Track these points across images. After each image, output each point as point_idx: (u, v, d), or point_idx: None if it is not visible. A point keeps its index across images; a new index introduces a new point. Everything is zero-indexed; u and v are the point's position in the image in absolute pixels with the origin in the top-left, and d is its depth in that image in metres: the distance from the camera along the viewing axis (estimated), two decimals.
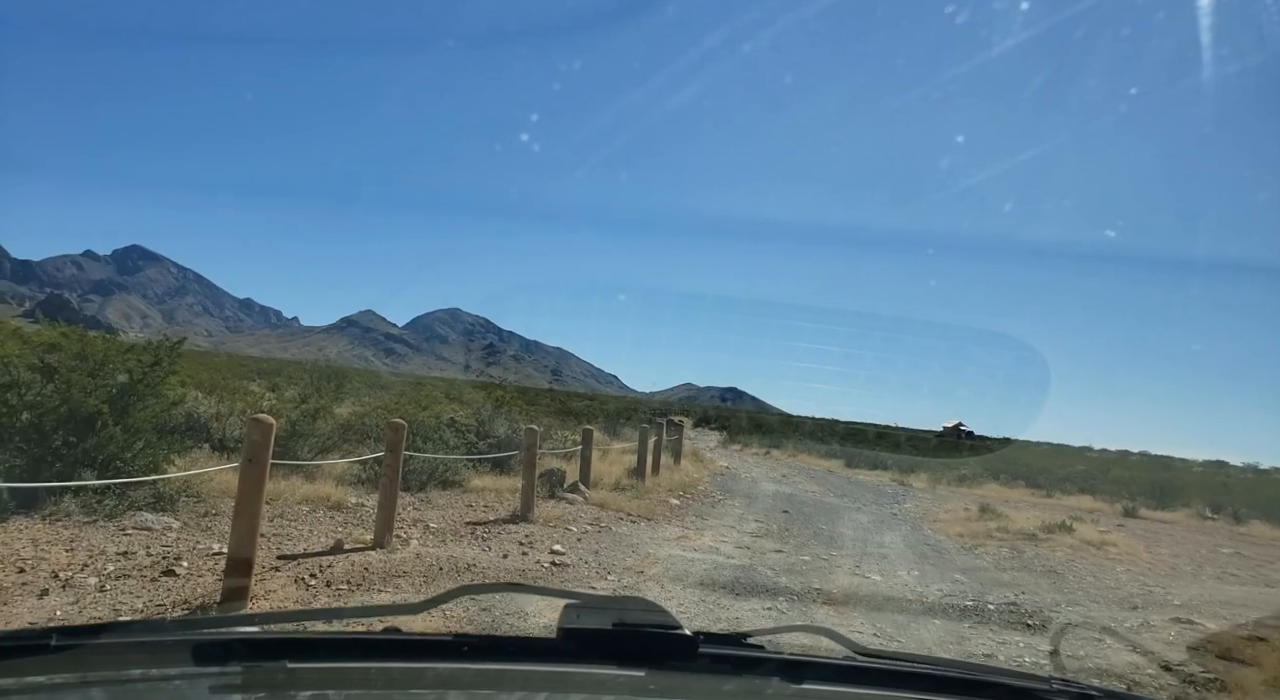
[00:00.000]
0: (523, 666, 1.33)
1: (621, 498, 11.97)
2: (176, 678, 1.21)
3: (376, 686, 1.28)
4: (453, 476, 11.09)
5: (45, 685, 1.14)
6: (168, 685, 1.20)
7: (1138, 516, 19.73)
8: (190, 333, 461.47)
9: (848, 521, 12.72)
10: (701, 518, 11.74)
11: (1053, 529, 12.27)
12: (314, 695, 1.21)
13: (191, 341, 13.34)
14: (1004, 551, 10.83)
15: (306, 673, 1.25)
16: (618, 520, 10.43)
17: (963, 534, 12.29)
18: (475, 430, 13.35)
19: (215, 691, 1.19)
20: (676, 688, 1.33)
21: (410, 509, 9.42)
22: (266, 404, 11.55)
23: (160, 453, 7.57)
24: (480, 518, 9.31)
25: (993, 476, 26.09)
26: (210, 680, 1.20)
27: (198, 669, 1.22)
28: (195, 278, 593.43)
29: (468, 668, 1.32)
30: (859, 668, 1.42)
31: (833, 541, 10.65)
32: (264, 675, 1.23)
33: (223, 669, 1.22)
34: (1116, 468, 33.88)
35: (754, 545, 9.82)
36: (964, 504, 16.74)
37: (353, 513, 8.57)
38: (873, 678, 1.39)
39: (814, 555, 9.47)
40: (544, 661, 1.34)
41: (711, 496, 14.37)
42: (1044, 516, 15.46)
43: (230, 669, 1.22)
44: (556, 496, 11.22)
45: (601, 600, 1.61)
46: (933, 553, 10.49)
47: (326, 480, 9.77)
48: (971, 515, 14.27)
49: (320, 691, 1.22)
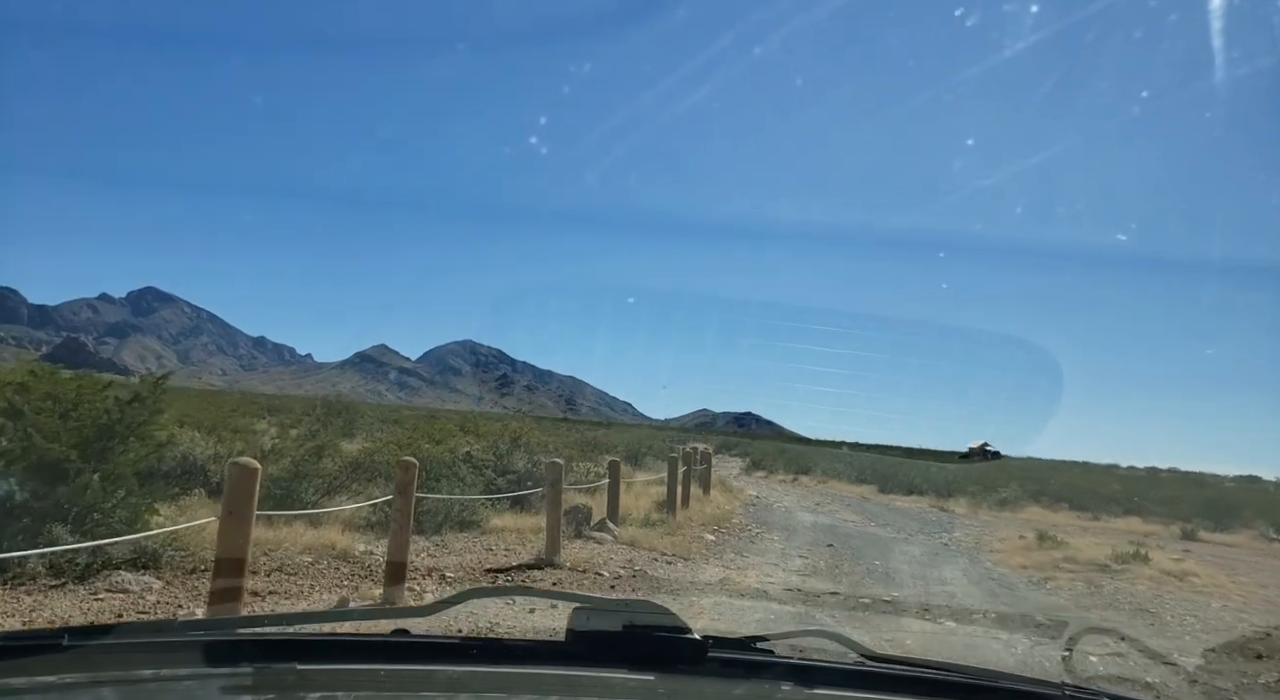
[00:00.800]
0: (532, 670, 1.32)
1: (653, 535, 11.04)
2: (187, 678, 1.22)
3: (386, 689, 1.29)
4: (470, 516, 10.20)
5: (57, 685, 1.15)
6: (178, 685, 1.21)
7: (1197, 539, 18.59)
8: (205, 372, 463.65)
9: (899, 555, 11.71)
10: (741, 555, 10.78)
11: (1124, 558, 11.22)
12: (324, 696, 1.23)
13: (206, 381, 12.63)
14: (1079, 586, 9.80)
15: (316, 674, 1.25)
16: (652, 561, 9.49)
17: (1026, 565, 11.25)
18: (493, 465, 12.46)
19: (226, 692, 1.20)
20: (686, 691, 1.32)
21: (425, 555, 8.52)
22: (269, 443, 10.72)
23: (143, 503, 6.72)
24: (502, 563, 8.40)
25: (1033, 499, 24.91)
26: (221, 681, 1.21)
27: (208, 669, 1.22)
28: (209, 317, 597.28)
29: (477, 670, 1.32)
30: (869, 672, 1.40)
31: (890, 579, 9.66)
32: (274, 676, 1.22)
33: (233, 670, 1.22)
34: (1151, 486, 32.55)
35: (805, 587, 8.86)
36: (1015, 530, 15.66)
37: (361, 563, 7.68)
38: (883, 682, 1.36)
39: (874, 597, 8.48)
40: (553, 665, 1.32)
41: (748, 530, 13.39)
42: (1105, 543, 14.38)
43: (241, 670, 1.22)
44: (583, 536, 10.29)
45: (611, 603, 1.67)
46: (1002, 589, 9.48)
47: (333, 525, 8.89)
48: (1029, 544, 13.21)
49: (330, 693, 1.24)
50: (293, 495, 9.35)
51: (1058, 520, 21.71)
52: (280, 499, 9.29)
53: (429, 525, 9.73)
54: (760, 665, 1.38)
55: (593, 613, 1.42)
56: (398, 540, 6.45)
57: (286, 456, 9.65)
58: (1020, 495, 25.00)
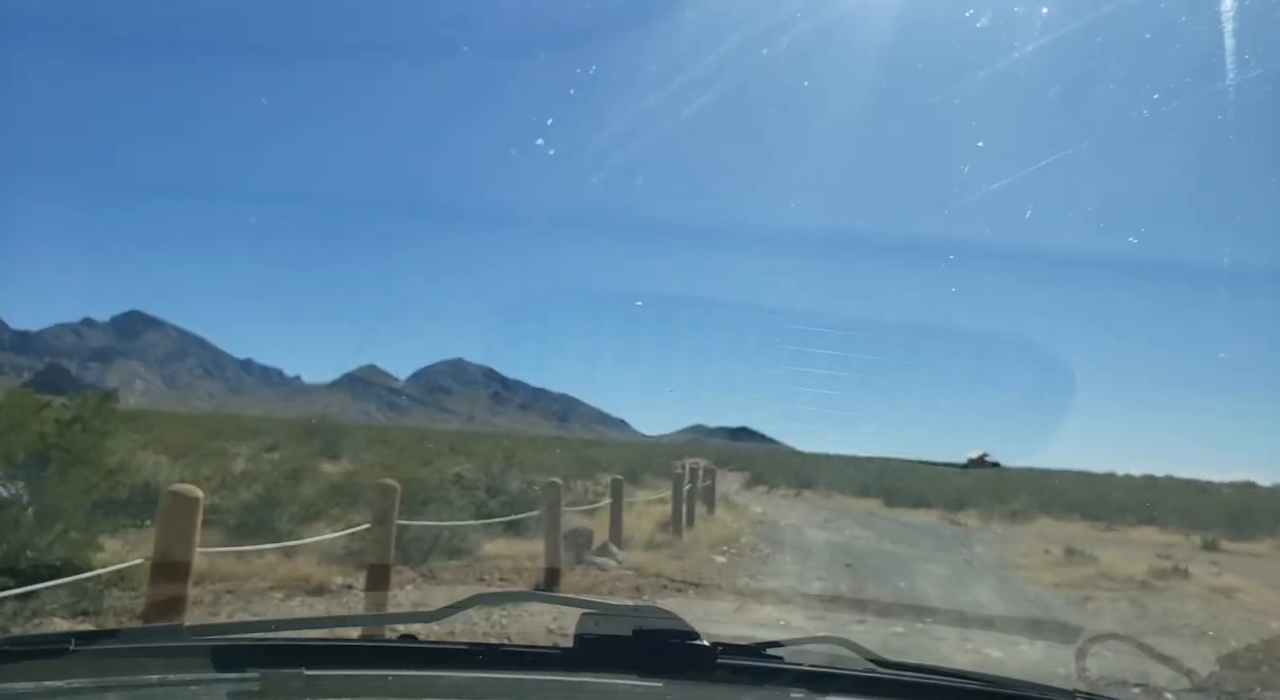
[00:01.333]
0: (539, 675, 1.31)
1: (659, 558, 10.22)
2: (194, 683, 1.22)
3: (393, 694, 1.28)
4: (460, 543, 9.36)
5: (64, 689, 1.15)
6: (185, 690, 1.22)
7: (1220, 550, 17.81)
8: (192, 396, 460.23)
9: (924, 576, 10.92)
10: (755, 578, 9.97)
11: (1162, 574, 10.46)
12: None
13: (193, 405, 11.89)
14: (1123, 606, 9.02)
15: (323, 680, 1.24)
16: (661, 589, 8.67)
17: (1059, 583, 10.48)
18: (485, 486, 11.63)
19: (233, 697, 1.19)
20: (694, 698, 1.31)
21: (410, 588, 7.69)
22: (241, 467, 9.88)
23: (85, 538, 5.88)
24: None
25: (1043, 510, 24.18)
26: (228, 686, 1.20)
27: (215, 674, 1.22)
28: (195, 340, 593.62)
29: (483, 676, 1.30)
30: (879, 679, 1.37)
31: (917, 602, 8.87)
32: (281, 681, 1.20)
33: (240, 675, 1.21)
34: (1154, 493, 31.80)
35: (829, 616, 8.07)
36: (1036, 544, 14.90)
37: (337, 598, 6.85)
38: (893, 689, 1.34)
39: (906, 626, 7.68)
40: (561, 671, 1.31)
41: (759, 550, 12.58)
42: (1133, 556, 13.62)
43: (248, 675, 1.21)
44: (584, 561, 9.47)
45: (619, 609, 1.67)
46: (1039, 611, 8.70)
47: (310, 556, 8.05)
48: (1056, 559, 12.45)
49: (337, 699, 1.24)
50: (265, 524, 8.51)
51: (1073, 531, 20.94)
52: (254, 529, 8.46)
53: (415, 554, 8.89)
54: (770, 672, 1.34)
55: (600, 618, 1.39)
56: (377, 577, 5.63)
57: (259, 481, 8.81)
58: (1031, 506, 24.28)
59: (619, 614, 1.48)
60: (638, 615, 1.44)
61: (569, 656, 1.34)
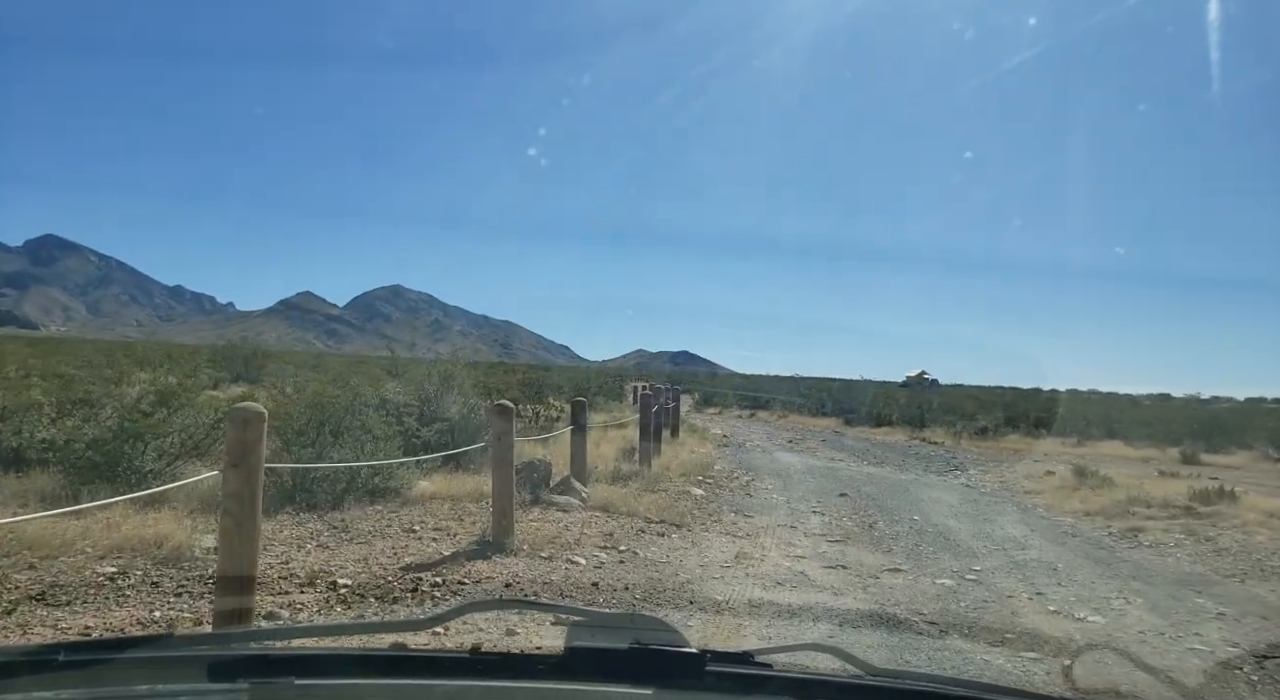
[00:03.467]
0: (529, 684, 1.30)
1: (629, 494, 8.52)
2: (184, 694, 1.20)
3: None
4: (385, 482, 7.50)
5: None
6: None
7: (1200, 463, 16.97)
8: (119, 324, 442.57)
9: (931, 505, 9.47)
10: (744, 515, 8.36)
11: (1205, 497, 9.15)
12: None
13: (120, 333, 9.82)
14: (1185, 540, 7.64)
15: (314, 689, 1.22)
16: (638, 534, 6.98)
17: (1088, 512, 9.12)
18: (417, 412, 9.71)
19: None
20: None
21: (312, 545, 5.83)
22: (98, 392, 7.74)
23: None
24: (427, 555, 5.75)
25: (1010, 427, 23.26)
26: (218, 697, 1.18)
27: (206, 685, 1.19)
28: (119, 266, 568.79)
29: (474, 684, 1.29)
30: (868, 686, 1.35)
31: (948, 543, 7.35)
32: (272, 692, 1.20)
33: (231, 685, 1.18)
34: (1087, 407, 31.28)
35: (847, 560, 6.49)
36: (1032, 466, 13.68)
37: (202, 570, 4.95)
38: (882, 697, 1.34)
39: (953, 575, 6.14)
40: (551, 679, 1.29)
41: (736, 478, 11.01)
42: (1143, 476, 12.46)
43: (238, 685, 1.18)
44: (542, 501, 7.70)
45: (610, 618, 1.78)
46: (1099, 551, 7.26)
47: (177, 507, 6.11)
48: (1066, 482, 11.15)
49: None
50: (122, 463, 6.50)
51: (1048, 448, 20.04)
52: (102, 469, 6.45)
53: (324, 498, 7.01)
54: (758, 679, 1.31)
55: (591, 627, 1.39)
56: (237, 544, 3.74)
57: (109, 408, 6.75)
58: (999, 423, 23.35)
59: (609, 623, 1.50)
60: (628, 624, 1.44)
61: (560, 665, 1.29)
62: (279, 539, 5.96)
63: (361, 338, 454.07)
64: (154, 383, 7.32)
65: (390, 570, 5.30)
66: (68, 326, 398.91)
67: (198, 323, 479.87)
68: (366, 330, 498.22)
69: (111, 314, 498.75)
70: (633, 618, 1.56)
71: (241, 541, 3.85)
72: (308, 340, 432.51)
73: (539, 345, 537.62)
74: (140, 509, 5.90)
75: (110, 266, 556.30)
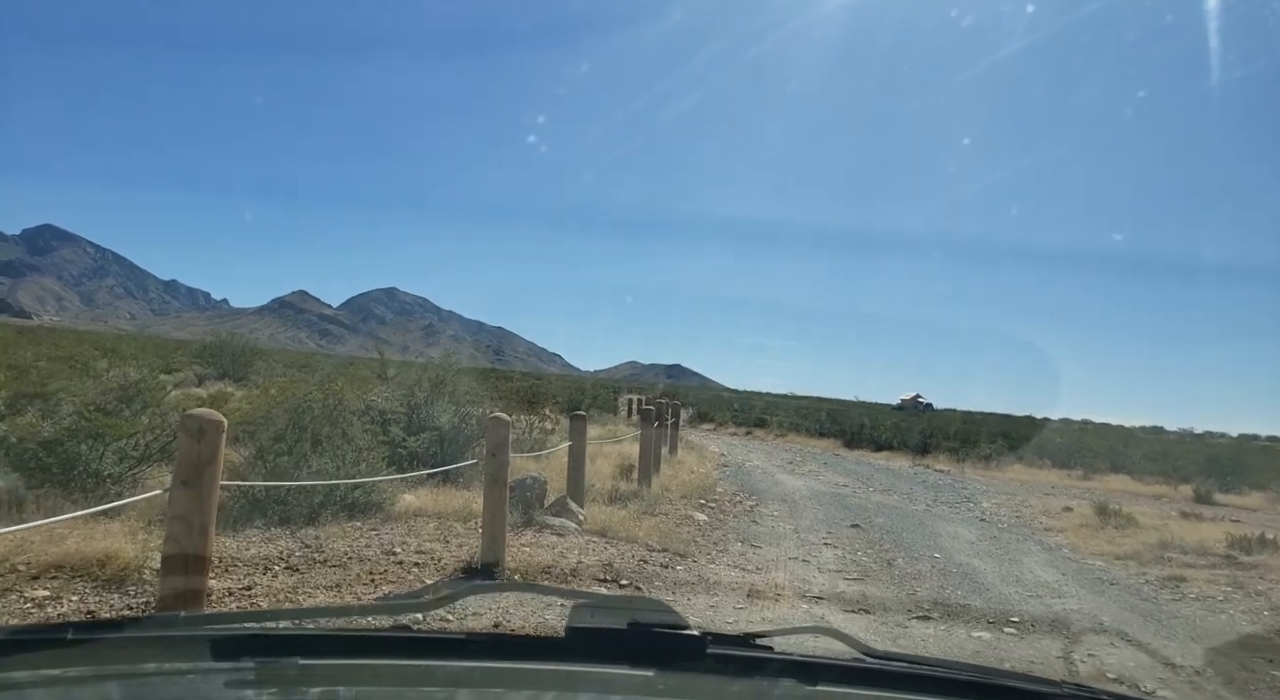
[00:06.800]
0: (532, 665, 1.30)
1: (628, 517, 7.94)
2: (190, 672, 1.21)
3: (387, 683, 1.27)
4: (365, 495, 6.90)
5: (61, 678, 1.14)
6: (181, 679, 1.20)
7: (1214, 503, 16.44)
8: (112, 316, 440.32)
9: (949, 539, 8.89)
10: (752, 545, 7.78)
11: (1246, 544, 8.59)
12: (325, 691, 1.22)
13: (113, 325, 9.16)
14: (1232, 593, 7.06)
15: (318, 669, 1.23)
16: (640, 564, 6.39)
17: (1119, 555, 8.55)
18: (405, 420, 9.11)
19: (229, 686, 1.18)
20: (685, 688, 1.30)
21: (280, 567, 5.23)
22: (55, 387, 7.11)
23: None
24: (408, 584, 5.16)
25: (1015, 456, 22.71)
26: (224, 675, 1.19)
27: (211, 664, 1.20)
28: (115, 258, 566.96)
29: (477, 666, 1.29)
30: (868, 669, 1.35)
31: (976, 587, 6.77)
32: (277, 671, 1.19)
33: (236, 664, 1.19)
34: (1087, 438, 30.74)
35: (869, 603, 5.92)
36: (1049, 500, 13.12)
37: (149, 593, 4.35)
38: (882, 679, 1.33)
39: (989, 626, 5.56)
40: (553, 660, 1.30)
41: (739, 503, 10.42)
42: (1165, 515, 11.91)
43: (243, 664, 1.19)
44: (535, 523, 7.10)
45: (611, 600, 1.84)
46: (1143, 603, 6.67)
47: (132, 517, 5.51)
48: (1089, 520, 10.59)
49: (331, 688, 1.22)
50: (78, 466, 5.90)
51: (1050, 480, 19.53)
52: (54, 473, 5.84)
53: (299, 511, 6.40)
54: (759, 662, 1.32)
55: (593, 609, 1.39)
56: (182, 578, 3.15)
57: (68, 406, 6.15)
58: (1001, 451, 22.80)
59: (611, 605, 1.50)
60: (629, 606, 1.46)
61: (561, 646, 1.31)
62: (244, 559, 5.36)
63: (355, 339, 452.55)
64: (107, 378, 6.70)
65: (365, 599, 4.70)
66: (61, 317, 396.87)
67: (191, 318, 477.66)
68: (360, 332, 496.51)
69: (105, 306, 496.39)
70: (633, 600, 1.52)
71: (189, 573, 3.27)
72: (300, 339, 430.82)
73: (531, 353, 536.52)
74: (90, 518, 5.30)
75: (107, 258, 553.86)
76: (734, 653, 1.31)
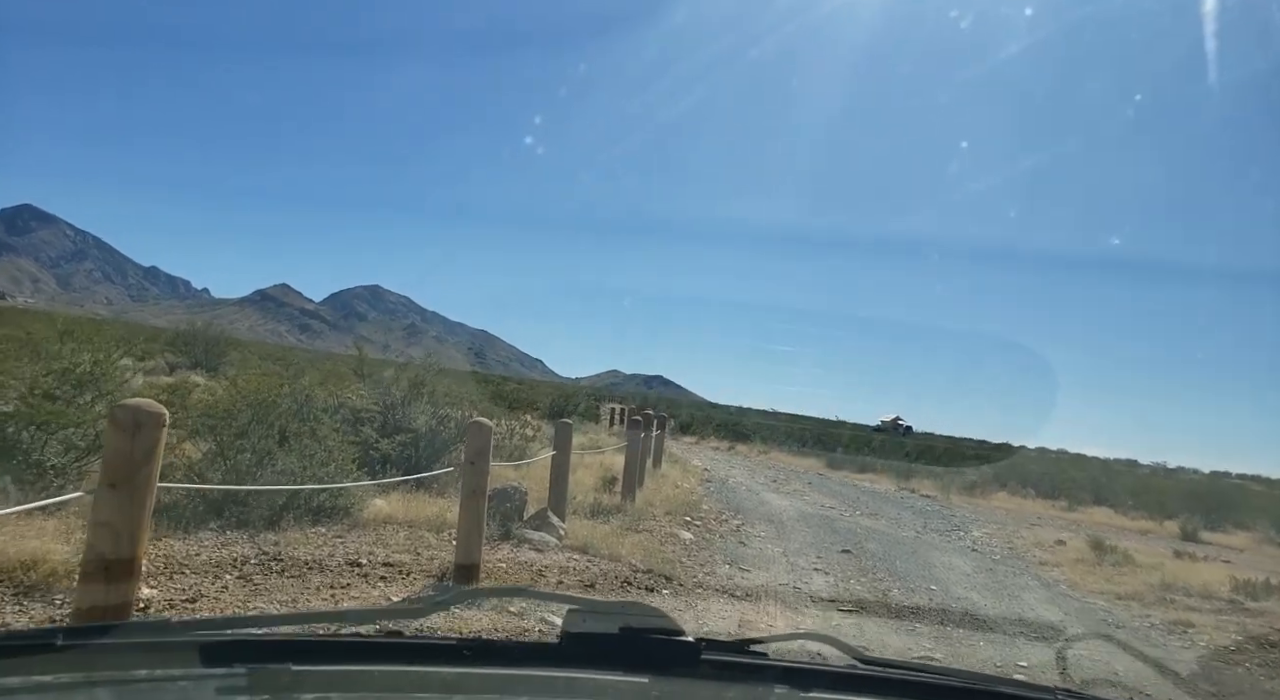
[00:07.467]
0: (526, 671, 1.30)
1: (610, 533, 7.52)
2: (182, 678, 1.20)
3: (380, 689, 1.27)
4: (333, 500, 6.43)
5: (52, 684, 1.13)
6: (173, 686, 1.19)
7: (1200, 540, 16.20)
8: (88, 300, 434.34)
9: (946, 572, 8.52)
10: (740, 568, 7.38)
11: (1251, 590, 8.27)
12: (318, 697, 1.21)
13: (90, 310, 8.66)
14: (1245, 644, 6.73)
15: (311, 675, 1.22)
16: (623, 586, 5.97)
17: (1119, 595, 8.22)
18: (379, 421, 8.64)
19: (221, 693, 1.17)
20: (679, 694, 1.30)
21: (232, 576, 4.76)
22: None
23: None
24: (372, 600, 4.70)
25: (999, 484, 22.47)
26: (216, 681, 1.18)
27: (203, 670, 1.19)
28: (95, 242, 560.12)
29: (471, 672, 1.28)
30: (862, 676, 1.36)
31: (978, 625, 6.40)
32: (269, 677, 1.19)
33: (228, 670, 1.18)
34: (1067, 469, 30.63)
35: (867, 639, 5.53)
36: (1038, 531, 12.82)
37: (75, 604, 3.86)
38: (876, 686, 1.33)
39: (996, 670, 5.18)
40: (547, 666, 1.30)
41: (726, 521, 10.01)
42: (1157, 552, 11.63)
43: (235, 670, 1.18)
44: (514, 537, 6.66)
45: (606, 606, 1.84)
46: (1154, 650, 6.32)
47: (72, 515, 5.03)
48: (1084, 555, 10.27)
49: (324, 694, 1.22)
50: (15, 456, 5.40)
51: (1035, 509, 19.27)
52: None
53: (259, 514, 5.93)
54: (753, 668, 1.32)
55: (587, 615, 1.38)
56: (103, 594, 2.71)
57: (12, 390, 5.66)
58: (986, 478, 22.55)
59: (606, 611, 1.47)
60: (624, 611, 1.43)
61: (555, 652, 1.30)
62: (194, 564, 4.88)
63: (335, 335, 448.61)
64: (63, 361, 6.21)
65: (358, 607, 4.25)
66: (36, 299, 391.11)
67: (170, 306, 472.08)
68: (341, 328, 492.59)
69: (82, 289, 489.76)
70: (627, 606, 1.62)
71: (112, 583, 2.82)
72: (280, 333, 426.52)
73: (513, 357, 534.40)
74: (26, 514, 4.81)
75: (86, 241, 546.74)
76: (728, 659, 1.32)
